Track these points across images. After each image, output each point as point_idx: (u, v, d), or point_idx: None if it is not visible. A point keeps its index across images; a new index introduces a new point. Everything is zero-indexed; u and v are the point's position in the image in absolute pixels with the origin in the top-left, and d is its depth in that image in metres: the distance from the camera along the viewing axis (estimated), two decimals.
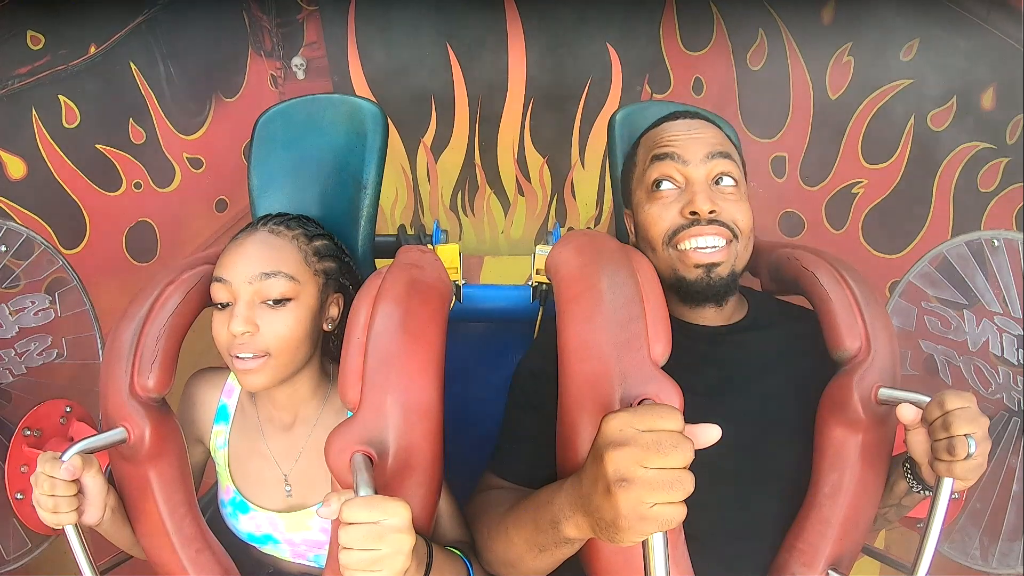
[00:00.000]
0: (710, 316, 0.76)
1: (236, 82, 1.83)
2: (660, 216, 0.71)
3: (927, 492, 0.66)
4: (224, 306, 0.68)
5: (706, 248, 0.69)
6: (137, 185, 1.50)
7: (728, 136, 0.78)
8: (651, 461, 0.43)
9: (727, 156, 0.72)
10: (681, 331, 0.73)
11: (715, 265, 0.70)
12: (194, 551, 0.70)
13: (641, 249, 0.76)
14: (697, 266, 0.70)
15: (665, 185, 0.72)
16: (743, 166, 0.77)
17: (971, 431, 0.56)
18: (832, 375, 0.70)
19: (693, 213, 0.69)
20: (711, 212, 0.69)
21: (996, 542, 0.96)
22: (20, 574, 0.95)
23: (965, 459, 0.56)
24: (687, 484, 0.43)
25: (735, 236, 0.71)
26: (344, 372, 0.63)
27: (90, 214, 1.36)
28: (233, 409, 0.80)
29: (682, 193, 0.71)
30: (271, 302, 0.68)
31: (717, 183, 0.72)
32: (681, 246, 0.71)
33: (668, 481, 0.43)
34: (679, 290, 0.73)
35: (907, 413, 0.61)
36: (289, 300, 0.69)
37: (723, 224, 0.70)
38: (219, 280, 0.68)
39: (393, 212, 2.24)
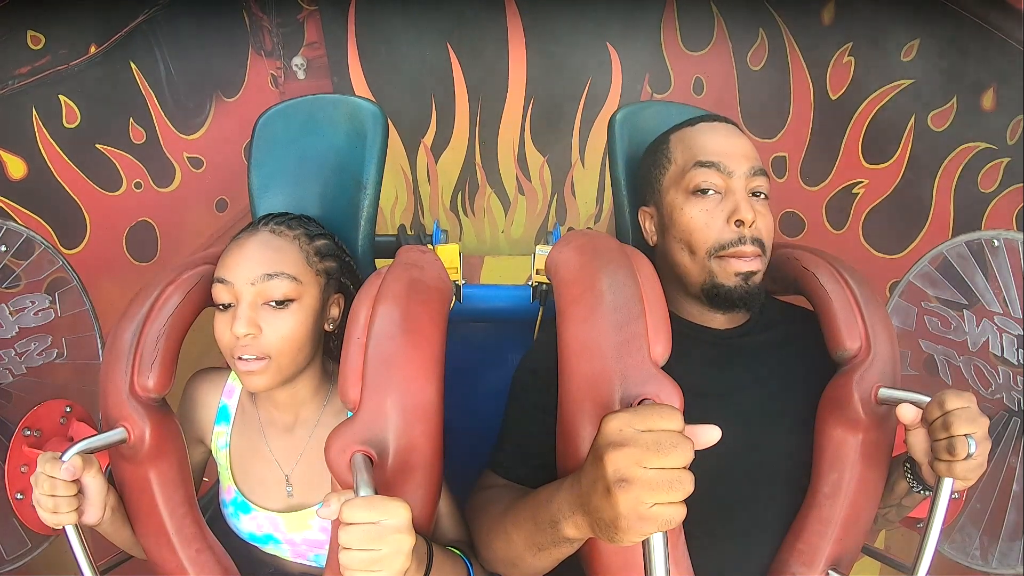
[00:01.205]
0: (720, 319, 0.76)
1: (236, 82, 1.82)
2: (707, 224, 0.72)
3: (927, 492, 0.66)
4: (226, 307, 0.68)
5: (745, 257, 0.71)
6: (137, 185, 1.50)
7: None
8: (651, 461, 0.43)
9: (764, 174, 0.74)
10: (686, 333, 0.74)
11: (752, 273, 0.71)
12: (194, 551, 0.70)
13: (672, 250, 0.75)
14: (737, 274, 0.71)
15: (709, 191, 0.73)
16: None
17: (971, 431, 0.57)
18: (832, 375, 0.71)
19: (739, 222, 0.71)
20: (753, 222, 0.71)
21: (996, 542, 0.96)
22: (20, 574, 0.95)
23: (965, 459, 0.56)
24: (687, 484, 0.44)
25: (764, 252, 0.73)
26: (344, 372, 0.63)
27: (90, 214, 1.36)
28: (234, 409, 0.80)
29: (723, 199, 0.72)
30: (274, 303, 0.68)
31: (753, 194, 0.74)
32: (724, 257, 0.72)
33: (668, 481, 0.43)
34: (713, 296, 0.73)
35: (907, 413, 0.61)
36: (292, 301, 0.69)
37: (759, 242, 0.72)
38: (221, 281, 0.68)
39: (393, 213, 2.24)
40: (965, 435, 0.56)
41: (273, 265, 0.68)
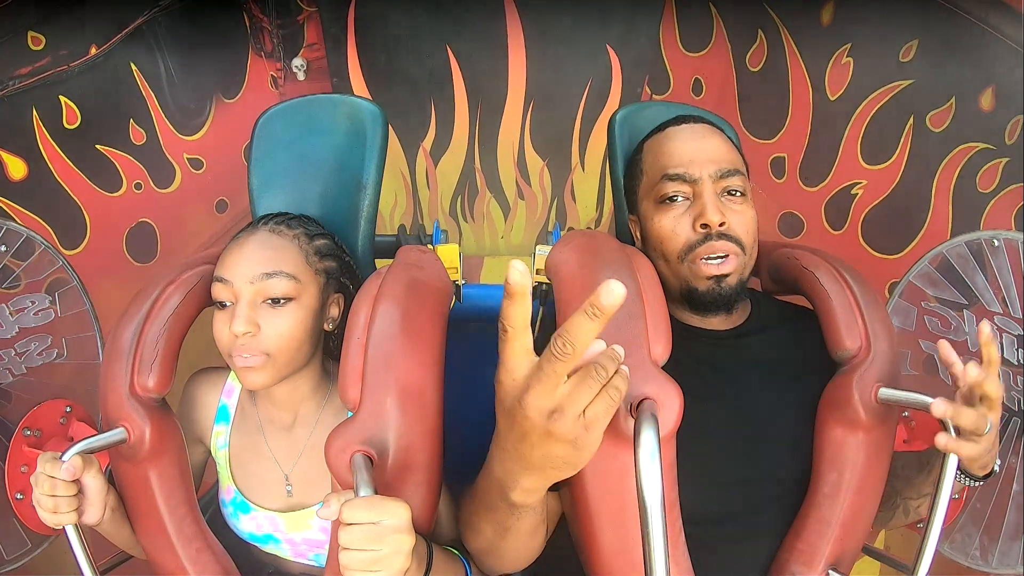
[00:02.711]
0: (716, 321, 0.77)
1: (236, 83, 1.83)
2: (673, 231, 0.73)
3: (971, 481, 0.66)
4: (225, 305, 0.69)
5: (716, 260, 0.71)
6: (137, 186, 1.50)
7: (730, 138, 0.79)
8: (558, 381, 0.41)
9: (736, 172, 0.74)
10: (684, 334, 0.74)
11: (724, 276, 0.71)
12: (194, 551, 0.70)
13: (651, 258, 0.76)
14: (708, 277, 0.71)
15: (676, 199, 0.73)
16: (746, 167, 0.77)
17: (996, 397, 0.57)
18: (832, 375, 0.71)
19: (704, 226, 0.71)
20: (721, 224, 0.70)
21: (996, 542, 0.96)
22: (20, 574, 0.95)
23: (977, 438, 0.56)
24: (599, 375, 0.42)
25: (742, 250, 0.72)
26: (344, 372, 0.64)
27: (90, 214, 1.36)
28: (233, 409, 0.80)
29: (691, 204, 0.73)
30: (272, 301, 0.68)
31: (725, 193, 0.73)
32: (695, 260, 0.72)
33: (581, 379, 0.42)
34: (690, 300, 0.74)
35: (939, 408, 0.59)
36: (290, 300, 0.69)
37: (732, 239, 0.71)
38: (220, 280, 0.68)
39: (392, 217, 2.24)
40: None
41: (272, 264, 0.68)
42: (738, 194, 0.73)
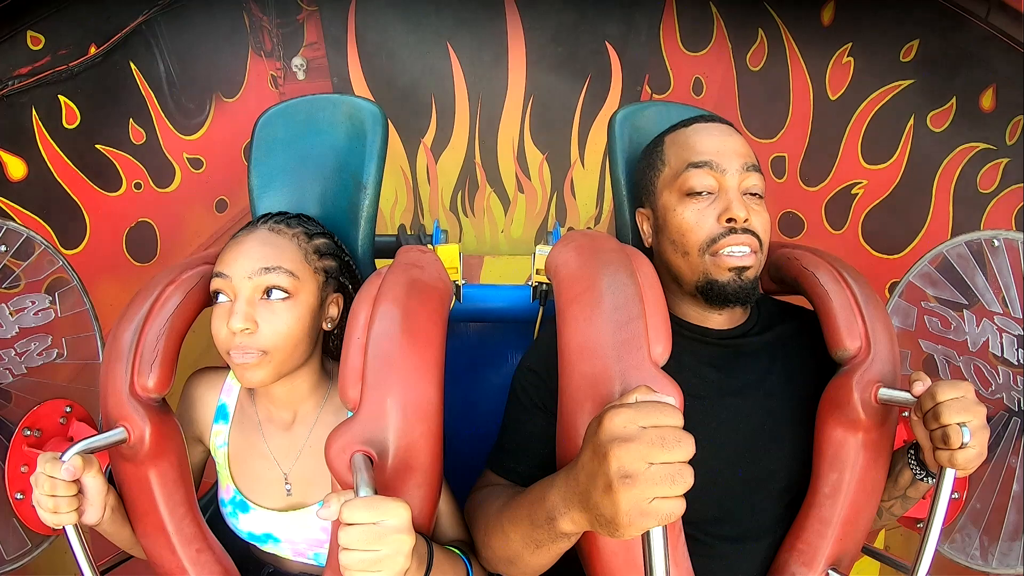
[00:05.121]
0: (718, 320, 0.76)
1: (236, 82, 1.83)
2: (698, 223, 0.72)
3: (931, 479, 0.66)
4: (218, 294, 0.69)
5: (737, 252, 0.71)
6: (137, 185, 1.50)
7: None
8: (655, 456, 0.44)
9: (758, 169, 0.74)
10: (685, 334, 0.74)
11: (745, 268, 0.71)
12: (194, 551, 0.70)
13: (666, 252, 0.76)
14: (730, 269, 0.71)
15: (703, 193, 0.73)
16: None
17: (964, 420, 0.57)
18: (832, 375, 0.71)
19: (730, 220, 0.71)
20: (745, 220, 0.71)
21: (996, 542, 0.96)
22: (20, 574, 0.95)
23: (962, 448, 0.57)
24: (687, 478, 0.44)
25: (760, 247, 0.72)
26: (344, 372, 0.64)
27: (90, 214, 1.36)
28: (232, 408, 0.80)
29: (716, 199, 0.72)
30: (269, 295, 0.68)
31: (747, 193, 0.73)
32: (717, 252, 0.71)
33: (670, 475, 0.43)
34: (707, 293, 0.73)
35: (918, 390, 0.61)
36: (288, 296, 0.69)
37: (753, 234, 0.71)
38: (219, 275, 0.68)
39: (393, 214, 2.24)
40: (960, 424, 0.56)
41: (270, 260, 0.68)
42: (757, 196, 0.74)
